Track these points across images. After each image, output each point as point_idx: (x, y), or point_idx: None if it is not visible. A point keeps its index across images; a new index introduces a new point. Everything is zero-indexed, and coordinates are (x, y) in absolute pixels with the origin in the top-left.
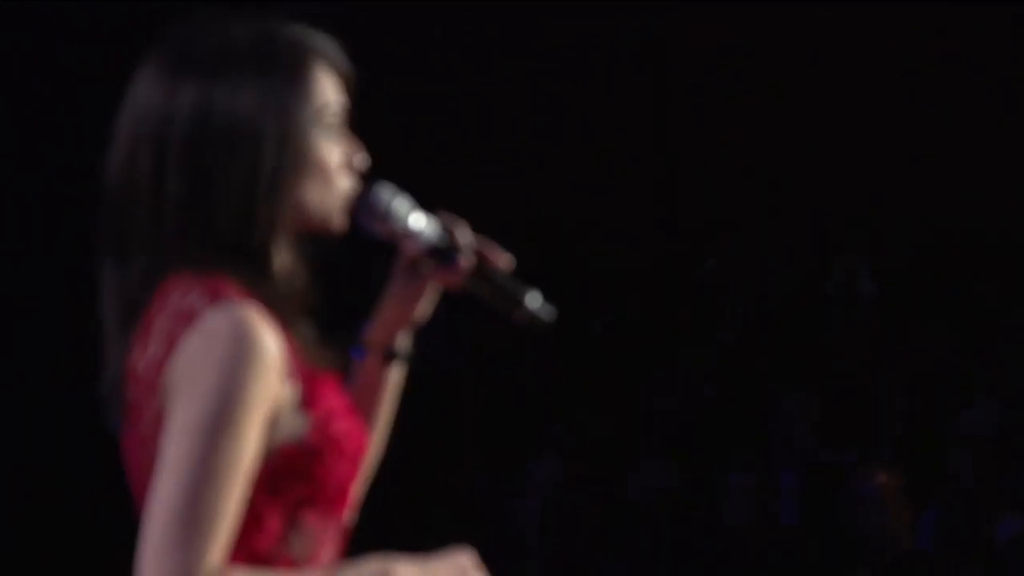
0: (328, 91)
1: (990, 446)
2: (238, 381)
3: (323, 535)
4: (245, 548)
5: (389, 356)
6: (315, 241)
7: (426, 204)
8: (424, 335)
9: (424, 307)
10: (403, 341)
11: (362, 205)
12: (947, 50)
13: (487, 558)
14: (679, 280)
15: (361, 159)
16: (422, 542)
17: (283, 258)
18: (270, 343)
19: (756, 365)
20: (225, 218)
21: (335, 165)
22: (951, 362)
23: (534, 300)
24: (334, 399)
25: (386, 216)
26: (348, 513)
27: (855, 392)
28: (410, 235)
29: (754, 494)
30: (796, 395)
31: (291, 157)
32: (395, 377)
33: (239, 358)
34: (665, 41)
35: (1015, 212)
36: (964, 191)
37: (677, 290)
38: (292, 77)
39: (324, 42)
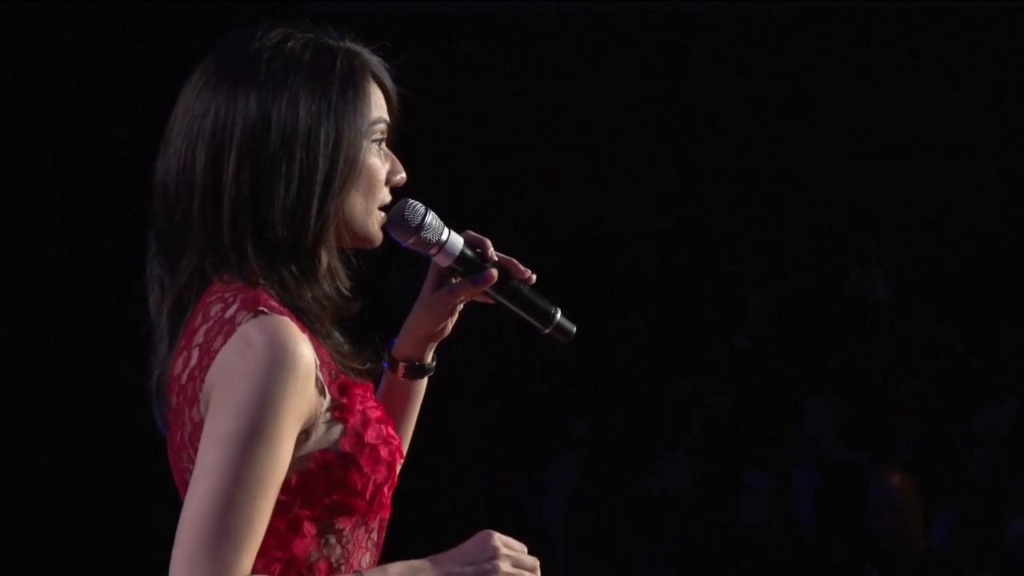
0: (378, 107)
1: (1006, 446)
2: (272, 391)
3: (359, 540)
4: (284, 553)
5: (416, 370)
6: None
7: (447, 212)
8: (447, 338)
9: (450, 321)
10: (429, 355)
11: (396, 218)
12: (958, 51)
13: None
14: (698, 282)
15: (401, 177)
16: (443, 544)
17: (329, 263)
18: (305, 353)
19: (773, 367)
20: (279, 218)
21: (380, 180)
22: (967, 362)
23: (558, 314)
24: (369, 407)
25: (420, 229)
26: (385, 518)
27: (871, 393)
28: (442, 248)
29: (771, 494)
30: (813, 397)
31: (343, 166)
32: (420, 389)
33: (273, 368)
34: (681, 46)
35: None
36: (979, 191)
37: (696, 292)
38: (349, 91)
39: (376, 60)
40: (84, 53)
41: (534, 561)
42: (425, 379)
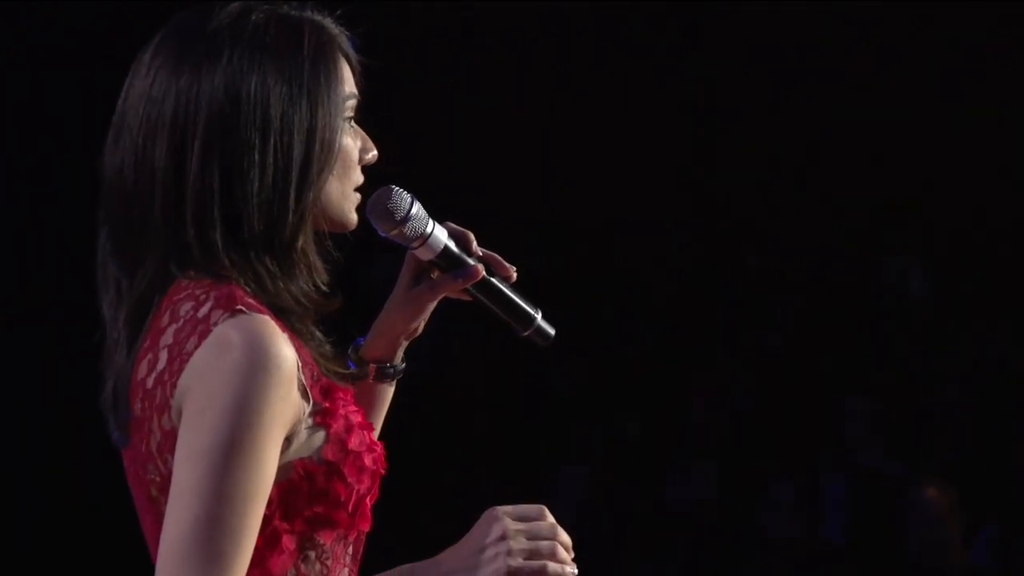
0: (348, 83)
1: None
2: (254, 397)
3: (338, 556)
4: (260, 571)
5: (388, 372)
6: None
7: (454, 207)
8: (454, 340)
9: (423, 319)
10: (399, 355)
11: (379, 207)
12: (997, 43)
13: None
14: (719, 280)
15: (373, 154)
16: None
17: (307, 255)
18: (287, 354)
19: (801, 368)
20: (254, 210)
21: (354, 160)
22: (1010, 366)
23: (539, 316)
24: (351, 412)
25: (405, 222)
26: (364, 531)
27: (906, 399)
28: (425, 242)
29: (797, 506)
30: (843, 402)
31: (320, 150)
32: (388, 393)
33: (255, 372)
34: (703, 36)
35: None
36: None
37: (717, 290)
38: (320, 68)
39: (339, 31)
40: (83, 53)
41: (551, 527)
42: (393, 383)
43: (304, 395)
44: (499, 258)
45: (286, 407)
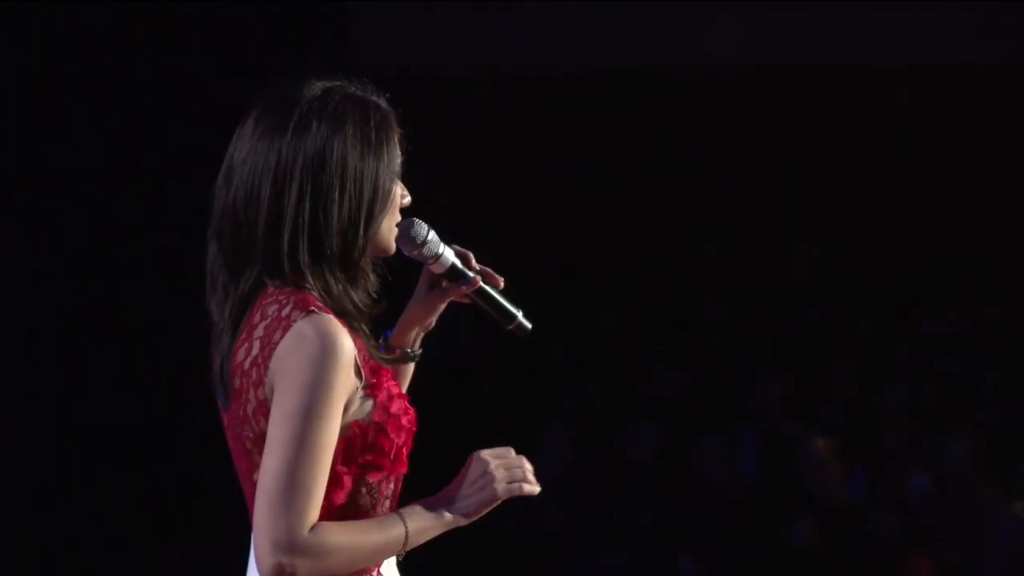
0: (399, 145)
1: (908, 417)
2: (325, 376)
3: (383, 491)
4: (327, 501)
5: (408, 355)
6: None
7: (463, 220)
8: (460, 329)
9: (435, 317)
10: (418, 343)
11: (405, 234)
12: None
13: (510, 508)
14: (668, 280)
15: (408, 200)
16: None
17: (367, 271)
18: (347, 344)
19: (725, 349)
20: (334, 236)
21: (398, 204)
22: (878, 349)
23: (520, 314)
24: (392, 385)
25: (423, 245)
26: (402, 473)
27: (805, 371)
28: (438, 260)
29: (723, 455)
30: (756, 374)
31: (381, 196)
32: (409, 371)
33: (325, 357)
34: (651, 89)
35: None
36: (894, 198)
37: (663, 292)
38: (383, 136)
39: (390, 108)
40: (85, 55)
41: (519, 459)
42: (413, 363)
43: (358, 374)
44: (491, 271)
45: (347, 383)
